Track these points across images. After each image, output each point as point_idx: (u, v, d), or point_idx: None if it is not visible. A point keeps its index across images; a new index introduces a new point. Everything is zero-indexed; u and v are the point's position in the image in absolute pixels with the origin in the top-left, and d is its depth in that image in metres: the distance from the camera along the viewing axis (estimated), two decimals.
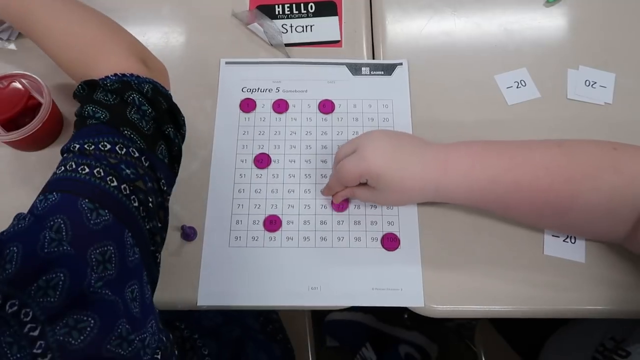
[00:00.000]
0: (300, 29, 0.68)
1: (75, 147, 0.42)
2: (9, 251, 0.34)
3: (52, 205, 0.37)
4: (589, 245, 0.54)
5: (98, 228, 0.37)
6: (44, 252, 0.34)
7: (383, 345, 1.12)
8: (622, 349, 0.49)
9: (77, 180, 0.39)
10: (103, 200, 0.39)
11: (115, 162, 0.41)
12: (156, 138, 0.47)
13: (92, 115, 0.45)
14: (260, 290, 0.54)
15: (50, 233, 0.35)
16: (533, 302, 0.53)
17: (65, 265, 0.34)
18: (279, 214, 0.57)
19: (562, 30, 0.67)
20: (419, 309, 0.53)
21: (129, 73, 0.47)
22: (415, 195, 0.52)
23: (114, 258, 0.37)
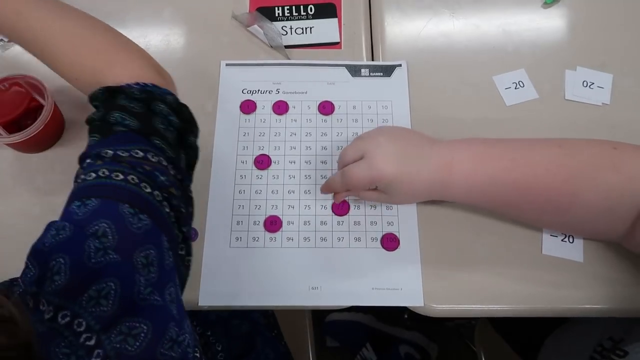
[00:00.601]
0: (300, 31, 0.68)
1: (107, 153, 0.41)
2: (55, 262, 0.34)
3: (92, 210, 0.37)
4: (587, 244, 0.55)
5: (140, 232, 0.37)
6: (91, 262, 0.34)
7: (383, 345, 1.13)
8: (620, 349, 0.50)
9: (113, 185, 0.39)
10: (141, 205, 0.39)
11: (150, 169, 0.41)
12: (179, 147, 0.47)
13: (120, 122, 0.44)
14: (261, 291, 0.54)
15: (94, 242, 0.35)
16: (532, 301, 0.53)
17: (114, 274, 0.34)
18: (279, 215, 0.57)
19: (559, 32, 0.68)
20: (418, 308, 0.53)
21: (150, 83, 0.47)
22: (423, 195, 0.53)
23: (155, 261, 0.37)
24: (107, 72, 0.47)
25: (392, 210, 0.58)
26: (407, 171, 0.50)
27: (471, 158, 0.50)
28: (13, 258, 0.55)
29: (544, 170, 0.48)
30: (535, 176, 0.48)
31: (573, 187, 0.47)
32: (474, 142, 0.52)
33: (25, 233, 0.56)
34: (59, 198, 0.58)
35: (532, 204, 0.49)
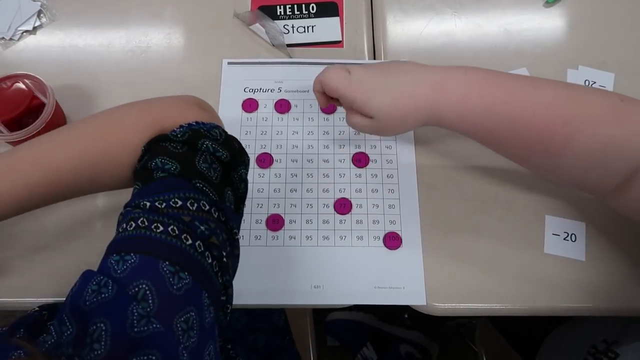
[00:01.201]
0: (302, 30, 0.68)
1: (145, 205, 0.38)
2: (96, 328, 0.32)
3: (132, 268, 0.35)
4: (589, 243, 0.55)
5: (180, 293, 0.35)
6: (133, 331, 0.32)
7: (384, 345, 1.13)
8: (612, 351, 0.50)
9: (153, 239, 0.36)
10: (182, 262, 0.36)
11: (189, 219, 0.38)
12: (224, 185, 0.43)
13: (161, 167, 0.41)
14: (263, 289, 0.54)
15: (137, 308, 0.32)
16: (534, 300, 0.53)
17: (156, 346, 0.32)
18: (281, 213, 0.57)
19: (561, 31, 0.68)
20: (421, 307, 0.53)
21: (194, 122, 0.44)
22: (411, 116, 0.50)
23: (195, 324, 0.35)
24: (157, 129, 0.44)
25: (394, 209, 0.58)
26: (386, 86, 0.48)
27: (466, 81, 0.48)
28: (13, 258, 0.56)
29: (543, 109, 0.45)
30: (534, 114, 0.45)
31: (570, 131, 0.44)
32: (472, 68, 0.49)
33: (27, 232, 0.56)
34: None
35: (524, 142, 0.47)
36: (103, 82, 0.64)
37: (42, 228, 0.57)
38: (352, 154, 0.60)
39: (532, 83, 0.48)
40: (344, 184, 0.59)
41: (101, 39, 0.67)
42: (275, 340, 0.70)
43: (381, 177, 0.59)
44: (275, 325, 0.73)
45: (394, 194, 0.58)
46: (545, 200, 0.57)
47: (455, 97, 0.48)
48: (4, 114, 0.55)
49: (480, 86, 0.47)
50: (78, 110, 0.62)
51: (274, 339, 0.70)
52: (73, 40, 0.67)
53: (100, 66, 0.66)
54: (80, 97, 0.63)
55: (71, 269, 0.54)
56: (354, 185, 0.59)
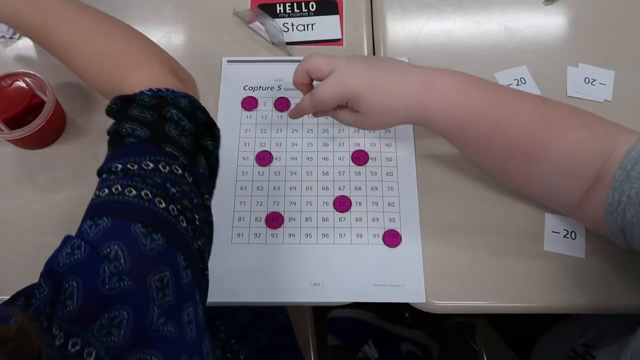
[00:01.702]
0: (302, 28, 0.68)
1: (117, 167, 0.40)
2: (69, 285, 0.33)
3: (104, 231, 0.36)
4: (589, 241, 0.55)
5: (154, 253, 0.36)
6: (105, 288, 0.33)
7: (385, 343, 1.13)
8: (589, 354, 0.50)
9: (126, 203, 0.37)
10: (155, 224, 0.37)
11: (161, 181, 0.39)
12: (196, 152, 0.45)
13: (131, 133, 0.42)
14: (263, 287, 0.54)
15: (109, 267, 0.34)
16: (533, 298, 0.53)
17: (127, 302, 0.33)
18: (280, 211, 0.57)
19: (561, 28, 0.68)
20: (420, 304, 0.53)
21: (164, 88, 0.45)
22: (399, 115, 0.51)
23: (171, 283, 0.36)
24: (125, 79, 0.46)
25: (394, 206, 0.58)
26: (378, 85, 0.49)
27: (454, 84, 0.49)
28: (14, 255, 0.56)
29: (525, 113, 0.48)
30: (516, 117, 0.48)
31: (547, 134, 0.47)
32: (458, 72, 0.51)
33: (26, 230, 0.57)
34: (60, 195, 0.59)
35: (505, 144, 0.49)
36: None
37: (41, 225, 0.57)
38: (352, 151, 0.60)
39: (510, 90, 0.51)
40: (344, 182, 0.59)
41: None
42: (278, 339, 0.71)
43: (381, 174, 0.59)
44: (278, 324, 0.73)
45: (393, 192, 0.58)
46: None
47: (444, 99, 0.49)
48: (4, 112, 0.55)
49: (467, 89, 0.49)
50: (78, 108, 0.63)
51: (277, 338, 0.71)
52: None
53: None
54: (80, 95, 0.63)
55: None
56: (353, 183, 0.59)
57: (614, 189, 0.43)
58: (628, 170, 0.42)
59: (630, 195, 0.42)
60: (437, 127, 0.51)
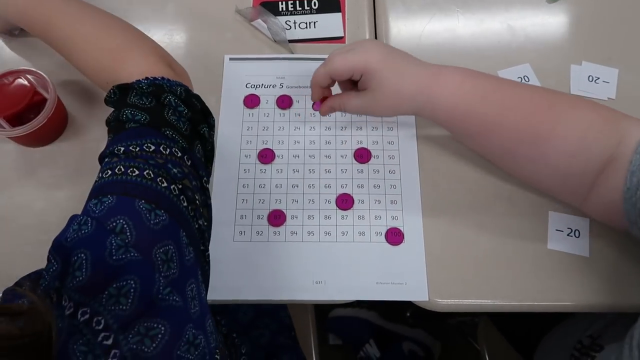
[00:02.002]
0: (304, 26, 0.68)
1: (120, 150, 0.41)
2: (77, 258, 0.34)
3: (109, 207, 0.37)
4: (593, 239, 0.54)
5: (157, 228, 0.37)
6: (112, 259, 0.34)
7: (387, 342, 1.13)
8: (597, 344, 0.50)
9: (129, 182, 0.39)
10: (158, 201, 0.38)
11: (162, 161, 0.41)
12: (193, 138, 0.46)
13: (132, 118, 0.44)
14: (265, 285, 0.54)
15: (116, 239, 0.35)
16: (537, 297, 0.53)
17: (134, 272, 0.34)
18: (283, 209, 0.57)
19: (564, 26, 0.67)
20: (423, 303, 0.53)
21: (159, 77, 0.47)
22: (407, 100, 0.52)
23: (175, 257, 0.37)
24: (121, 70, 0.48)
25: (396, 204, 0.57)
26: (393, 66, 0.51)
27: (461, 73, 0.51)
28: (15, 252, 0.56)
29: (529, 96, 0.49)
30: (521, 100, 0.49)
31: (555, 115, 0.48)
32: (459, 67, 0.53)
33: (28, 227, 0.56)
34: (62, 192, 0.58)
35: (513, 127, 0.49)
36: None
37: (43, 223, 0.57)
38: (354, 149, 0.60)
39: (514, 81, 0.53)
40: (346, 180, 0.59)
41: None
42: (279, 337, 0.70)
43: (383, 172, 0.59)
44: (280, 322, 0.73)
45: (396, 190, 0.58)
46: (548, 196, 0.56)
47: (451, 86, 0.50)
48: (6, 109, 0.55)
49: (472, 77, 0.51)
50: (80, 105, 0.63)
51: (278, 337, 0.71)
52: None
53: None
54: (81, 93, 0.63)
55: None
56: (355, 180, 0.59)
57: (631, 173, 0.43)
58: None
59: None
60: (442, 117, 0.52)
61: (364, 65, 0.50)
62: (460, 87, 0.50)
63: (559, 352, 0.61)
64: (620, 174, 0.44)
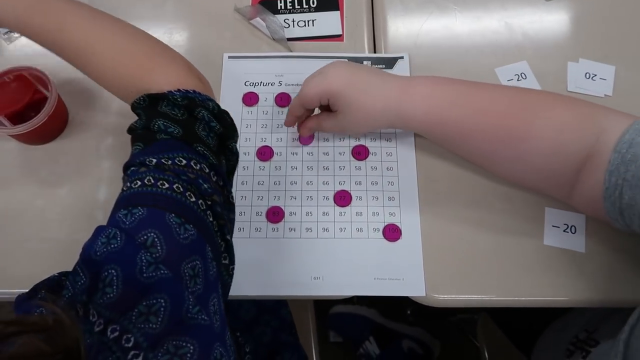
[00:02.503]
0: (302, 24, 0.68)
1: (152, 161, 0.41)
2: (108, 274, 0.34)
3: (140, 219, 0.37)
4: (589, 235, 0.55)
5: (186, 242, 0.37)
6: (143, 276, 0.34)
7: (386, 340, 1.13)
8: (592, 339, 0.50)
9: (159, 194, 0.39)
10: (187, 215, 0.38)
11: (194, 177, 0.41)
12: (219, 153, 0.47)
13: (164, 129, 0.44)
14: (264, 281, 0.55)
15: (146, 255, 0.35)
16: (533, 292, 0.53)
17: (164, 290, 0.34)
18: (281, 206, 0.58)
19: (562, 24, 0.68)
20: (420, 298, 0.53)
21: (191, 90, 0.46)
22: (378, 116, 0.53)
23: (201, 272, 0.37)
24: (148, 79, 0.47)
25: (394, 201, 0.58)
26: (357, 84, 0.52)
27: (430, 82, 0.52)
28: (17, 248, 0.56)
29: (504, 98, 0.50)
30: (494, 101, 0.50)
31: (530, 115, 0.48)
32: (435, 76, 0.54)
33: (29, 223, 0.57)
34: (62, 189, 0.59)
35: (488, 129, 0.50)
36: None
37: (44, 220, 0.57)
38: (352, 146, 0.61)
39: (485, 83, 0.53)
40: (344, 177, 0.59)
41: None
42: (281, 335, 0.71)
43: (381, 169, 0.59)
44: (282, 319, 0.73)
45: (393, 187, 0.59)
46: None
47: (420, 95, 0.52)
48: (7, 107, 0.56)
49: (442, 85, 0.52)
50: (80, 103, 0.63)
51: (280, 334, 0.71)
52: None
53: None
54: (82, 91, 0.64)
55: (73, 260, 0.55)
56: (353, 177, 0.59)
57: (610, 173, 0.43)
58: (623, 153, 0.43)
59: (626, 178, 0.42)
60: (416, 124, 0.53)
61: (328, 90, 0.52)
62: (430, 95, 0.51)
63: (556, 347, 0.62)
64: (599, 171, 0.44)
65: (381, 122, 0.54)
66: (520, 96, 0.50)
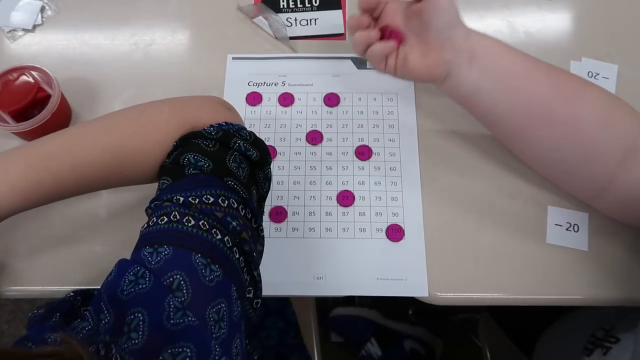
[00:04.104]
0: (305, 22, 0.68)
1: (179, 200, 0.39)
2: (134, 317, 0.32)
3: (166, 259, 0.35)
4: (592, 233, 0.55)
5: (212, 285, 0.36)
6: (170, 323, 0.32)
7: (388, 341, 1.13)
8: (612, 336, 0.50)
9: (184, 232, 0.37)
10: (213, 255, 0.37)
11: (221, 215, 0.39)
12: (250, 184, 0.45)
13: (194, 163, 0.42)
14: (267, 280, 0.54)
15: (174, 300, 0.33)
16: (536, 290, 0.53)
17: (191, 339, 0.32)
18: (284, 205, 0.58)
19: (564, 23, 0.68)
20: (423, 298, 0.53)
21: (223, 122, 0.45)
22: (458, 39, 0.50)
23: (226, 316, 0.36)
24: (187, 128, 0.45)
25: (397, 201, 0.58)
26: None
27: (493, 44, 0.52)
28: (19, 246, 0.56)
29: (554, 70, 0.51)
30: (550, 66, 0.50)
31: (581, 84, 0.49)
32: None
33: (31, 221, 0.57)
34: None
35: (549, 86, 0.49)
36: (108, 74, 0.65)
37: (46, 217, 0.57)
38: (355, 146, 0.61)
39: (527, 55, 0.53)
40: (347, 177, 0.59)
41: (106, 32, 0.68)
42: (286, 337, 0.71)
43: (384, 169, 0.59)
44: (287, 320, 0.73)
45: (396, 187, 0.58)
46: (547, 191, 0.57)
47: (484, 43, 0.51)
48: (11, 105, 0.56)
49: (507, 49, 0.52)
50: (83, 101, 0.63)
51: (286, 336, 0.71)
52: (78, 33, 0.68)
53: (105, 59, 0.66)
54: (85, 89, 0.64)
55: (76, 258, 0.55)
56: (356, 177, 0.59)
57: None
58: None
59: None
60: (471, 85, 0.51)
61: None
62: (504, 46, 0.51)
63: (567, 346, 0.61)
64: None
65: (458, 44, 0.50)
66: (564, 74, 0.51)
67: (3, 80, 0.57)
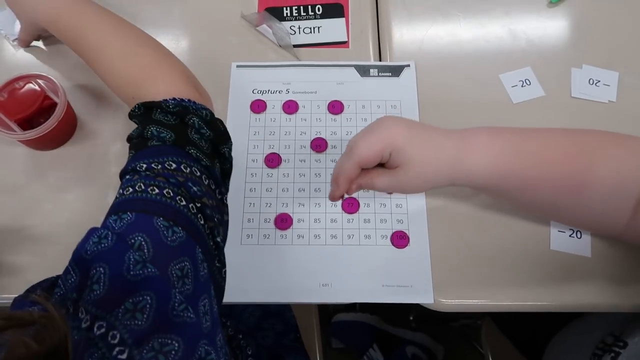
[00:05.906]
0: (308, 30, 0.69)
1: (142, 167, 0.42)
2: (96, 271, 0.34)
3: (128, 224, 0.38)
4: (595, 240, 0.55)
5: (174, 245, 0.38)
6: (130, 274, 0.34)
7: (390, 346, 1.13)
8: (620, 341, 0.50)
9: (148, 200, 0.40)
10: (176, 218, 0.39)
11: (183, 179, 0.42)
12: (213, 157, 0.48)
13: (157, 135, 0.45)
14: (272, 287, 0.55)
15: (134, 255, 0.35)
16: (540, 297, 0.53)
17: (151, 288, 0.34)
18: (289, 213, 0.58)
19: (565, 30, 0.68)
20: (428, 305, 0.54)
21: (186, 98, 0.48)
22: (441, 173, 0.49)
23: (190, 273, 0.37)
24: (148, 85, 0.50)
25: (401, 208, 0.58)
26: (420, 136, 0.48)
27: (484, 132, 0.49)
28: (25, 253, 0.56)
29: (557, 143, 0.48)
30: (549, 148, 0.48)
31: (586, 159, 0.47)
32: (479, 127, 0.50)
33: (37, 227, 0.57)
34: (70, 194, 0.59)
35: (550, 180, 0.48)
36: None
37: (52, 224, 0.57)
38: None
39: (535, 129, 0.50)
40: None
41: None
42: (284, 339, 0.71)
43: None
44: (286, 323, 0.74)
45: (401, 194, 0.59)
46: None
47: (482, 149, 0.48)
48: (17, 113, 0.56)
49: (498, 134, 0.49)
50: (89, 109, 0.63)
51: (284, 338, 0.71)
52: None
53: None
54: (91, 97, 0.64)
55: None
56: None
57: None
58: None
59: None
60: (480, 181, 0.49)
61: (390, 143, 0.47)
62: (491, 147, 0.48)
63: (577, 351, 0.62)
64: None
65: (444, 178, 0.50)
66: (572, 139, 0.48)
67: (10, 89, 0.57)
